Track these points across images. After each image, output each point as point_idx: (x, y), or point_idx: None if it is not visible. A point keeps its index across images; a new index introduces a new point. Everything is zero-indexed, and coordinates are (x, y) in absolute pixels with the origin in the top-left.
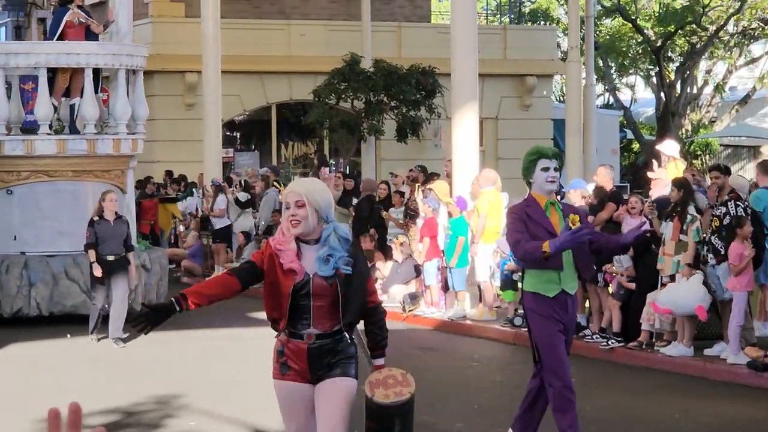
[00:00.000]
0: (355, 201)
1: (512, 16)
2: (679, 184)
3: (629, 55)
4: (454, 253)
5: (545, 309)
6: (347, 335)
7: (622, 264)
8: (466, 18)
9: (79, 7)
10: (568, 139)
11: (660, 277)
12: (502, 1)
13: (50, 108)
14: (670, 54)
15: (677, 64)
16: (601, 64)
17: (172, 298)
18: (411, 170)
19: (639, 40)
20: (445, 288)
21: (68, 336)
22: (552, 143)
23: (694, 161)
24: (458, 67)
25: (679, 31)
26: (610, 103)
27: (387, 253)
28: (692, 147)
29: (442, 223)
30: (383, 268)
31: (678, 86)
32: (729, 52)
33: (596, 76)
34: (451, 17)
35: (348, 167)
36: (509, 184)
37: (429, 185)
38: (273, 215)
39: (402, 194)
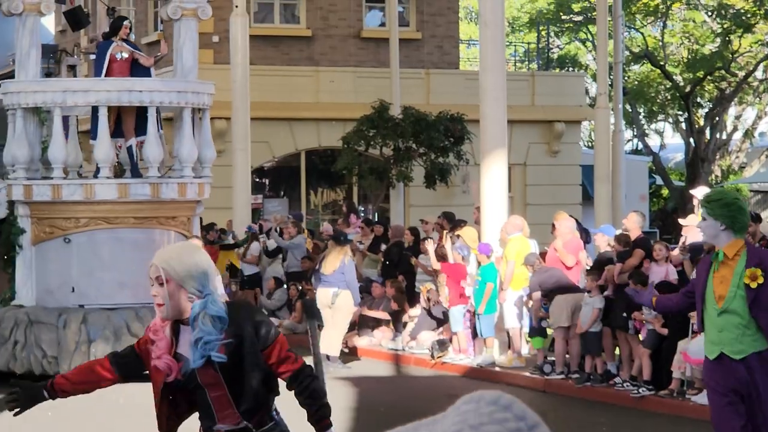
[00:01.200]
0: (383, 247)
1: (540, 63)
2: None
3: (658, 100)
4: (483, 300)
5: (708, 374)
6: (265, 422)
7: (651, 312)
8: (494, 65)
9: (125, 40)
10: (597, 185)
11: (690, 324)
12: (531, 47)
13: (111, 150)
14: (699, 100)
15: (706, 109)
16: (630, 110)
17: (44, 384)
18: (438, 218)
19: (668, 86)
20: (474, 334)
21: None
22: (580, 189)
23: None
24: (487, 113)
25: (708, 77)
26: (638, 148)
27: (415, 300)
28: None
29: (471, 269)
30: (411, 315)
31: (707, 132)
32: (758, 98)
33: (625, 122)
34: (479, 64)
35: (376, 213)
36: (538, 230)
37: (458, 231)
38: (302, 262)
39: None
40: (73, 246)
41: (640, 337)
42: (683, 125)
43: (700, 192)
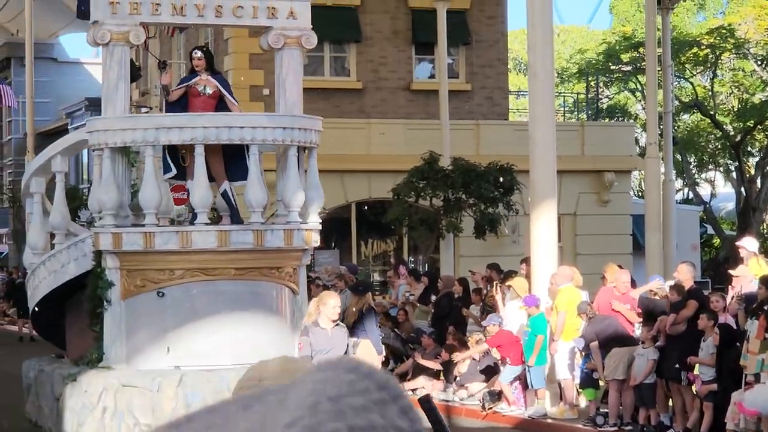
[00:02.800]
0: (434, 298)
1: (590, 113)
2: (766, 281)
3: (708, 150)
4: (533, 351)
5: None
6: None
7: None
8: (544, 115)
9: (215, 74)
10: (648, 234)
11: (744, 375)
12: (580, 97)
13: (208, 193)
14: (749, 149)
15: (757, 159)
16: (680, 159)
17: None
18: (486, 271)
19: (718, 135)
20: (525, 386)
21: None
22: (631, 239)
23: None
24: (536, 164)
25: (759, 126)
26: (689, 198)
27: (464, 350)
28: None
29: (520, 321)
30: (461, 365)
31: (758, 181)
32: None
33: (675, 172)
34: (529, 115)
35: (427, 264)
36: (588, 280)
37: (508, 282)
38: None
39: (480, 291)
40: (167, 300)
41: (694, 389)
42: (734, 174)
43: (747, 243)
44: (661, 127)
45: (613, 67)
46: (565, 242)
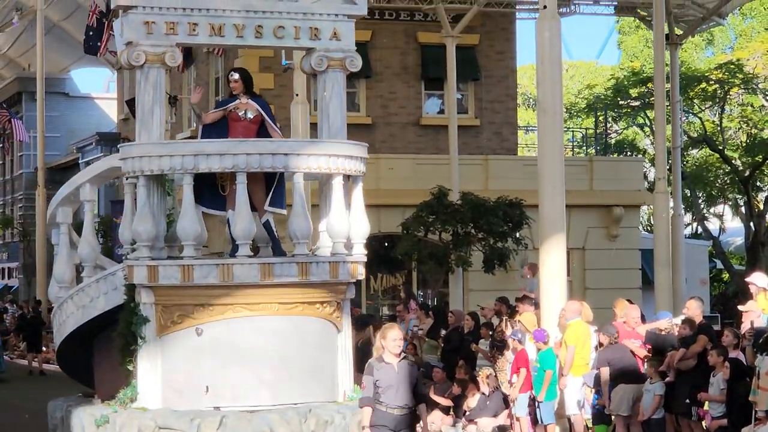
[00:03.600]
0: (443, 332)
1: (598, 148)
2: None
3: (717, 184)
4: (543, 387)
5: None
6: None
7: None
8: (552, 150)
9: (255, 97)
10: (657, 269)
11: (754, 411)
12: (589, 132)
13: (251, 224)
14: (758, 183)
15: (766, 193)
16: (689, 194)
17: None
18: (495, 305)
19: (726, 170)
20: (535, 421)
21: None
22: (640, 274)
23: None
24: (545, 199)
25: (767, 161)
26: (698, 233)
27: (474, 385)
28: None
29: (530, 355)
30: (471, 400)
31: (767, 216)
32: None
33: (684, 206)
34: (537, 150)
35: (436, 298)
36: (598, 315)
37: (517, 317)
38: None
39: (490, 326)
40: (206, 338)
41: (704, 424)
42: (743, 209)
43: (757, 279)
44: (670, 161)
45: (621, 102)
46: (574, 277)
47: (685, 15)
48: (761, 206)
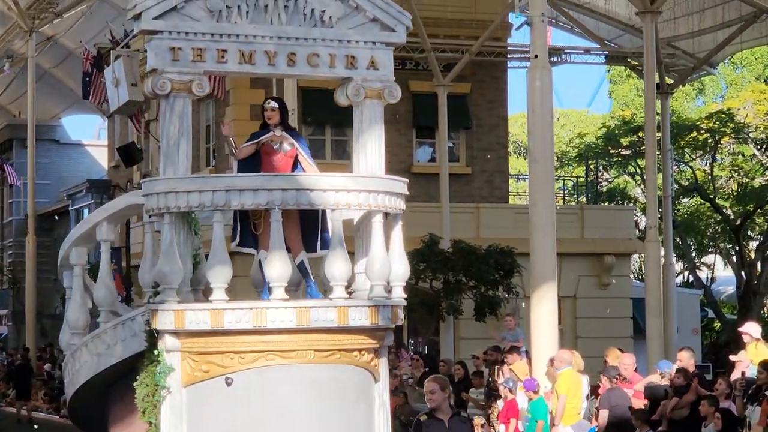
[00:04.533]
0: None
1: (589, 196)
2: (765, 366)
3: (708, 233)
4: None
5: None
6: None
7: None
8: (543, 199)
9: (289, 130)
10: (648, 318)
11: None
12: (579, 181)
13: (288, 265)
14: (749, 233)
15: (757, 242)
16: (680, 243)
17: None
18: (487, 353)
19: (718, 219)
20: None
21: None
22: (631, 323)
23: None
24: (536, 247)
25: (758, 210)
26: (689, 281)
27: None
28: None
29: (521, 405)
30: None
31: (758, 265)
32: None
33: (675, 255)
34: (529, 198)
35: (427, 346)
36: (589, 364)
37: (509, 365)
38: None
39: (481, 375)
40: (236, 388)
41: None
42: (734, 258)
43: (750, 329)
44: (661, 210)
45: (612, 151)
46: (565, 325)
47: (675, 64)
48: (752, 255)
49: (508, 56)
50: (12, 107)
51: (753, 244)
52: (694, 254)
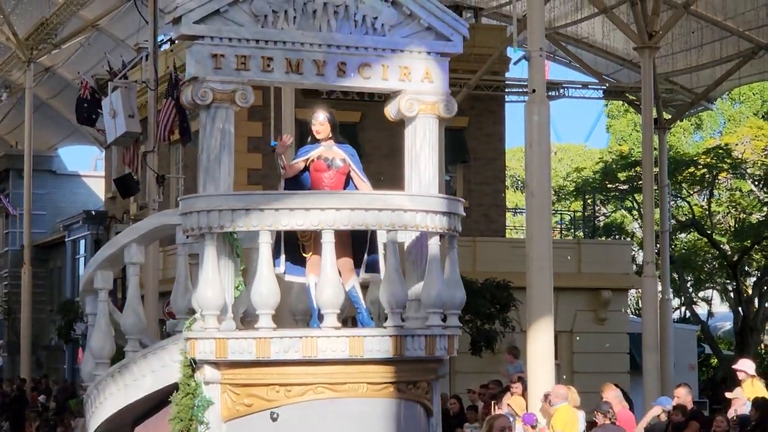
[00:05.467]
0: None
1: (586, 230)
2: (758, 404)
3: (705, 269)
4: None
5: None
6: None
7: None
8: (540, 233)
9: (340, 144)
10: (645, 354)
11: None
12: (577, 215)
13: (340, 291)
14: (747, 268)
15: (754, 278)
16: (677, 278)
17: None
18: (489, 387)
19: (715, 255)
20: None
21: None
22: (628, 358)
23: None
24: (533, 281)
25: (756, 246)
26: (686, 317)
27: None
28: None
29: None
30: None
31: (756, 301)
32: None
33: (672, 290)
34: (526, 232)
35: None
36: (585, 399)
37: (507, 400)
38: None
39: (476, 409)
40: (282, 424)
41: None
42: (731, 294)
43: (744, 366)
44: (658, 245)
45: (609, 186)
46: (562, 360)
47: (673, 99)
48: (750, 291)
49: (506, 90)
50: (9, 137)
51: (750, 280)
52: (691, 290)
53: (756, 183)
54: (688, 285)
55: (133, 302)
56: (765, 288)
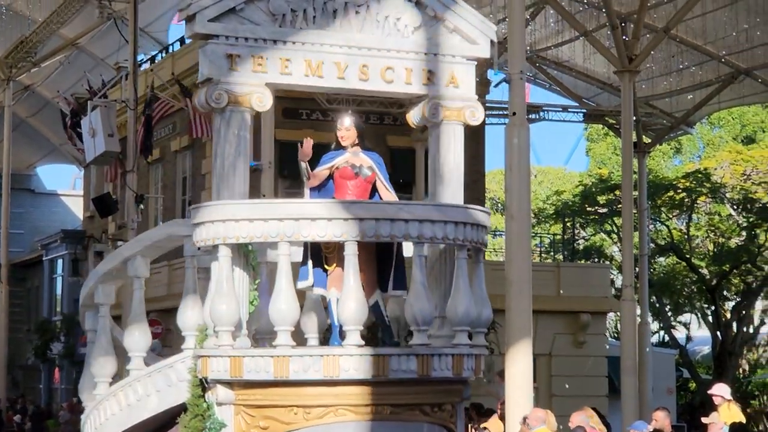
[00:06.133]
0: None
1: (566, 254)
2: (735, 429)
3: (684, 293)
4: None
5: None
6: None
7: None
8: (519, 256)
9: (367, 151)
10: (623, 377)
11: None
12: (556, 238)
13: (364, 306)
14: (725, 293)
15: (733, 303)
16: (656, 302)
17: None
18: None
19: (694, 279)
20: None
21: None
22: (607, 381)
23: (752, 401)
24: (512, 304)
25: (734, 271)
26: (665, 341)
27: None
28: (750, 387)
29: None
30: None
31: (734, 325)
32: None
33: (651, 314)
34: (505, 255)
35: None
36: (563, 422)
37: (483, 424)
38: None
39: None
40: None
41: None
42: (710, 318)
43: (720, 390)
44: (637, 269)
45: (589, 209)
46: (540, 383)
47: (653, 123)
48: (728, 315)
49: (487, 113)
50: None
51: (729, 305)
52: (669, 314)
53: (735, 207)
54: (667, 309)
55: (137, 318)
56: (743, 312)
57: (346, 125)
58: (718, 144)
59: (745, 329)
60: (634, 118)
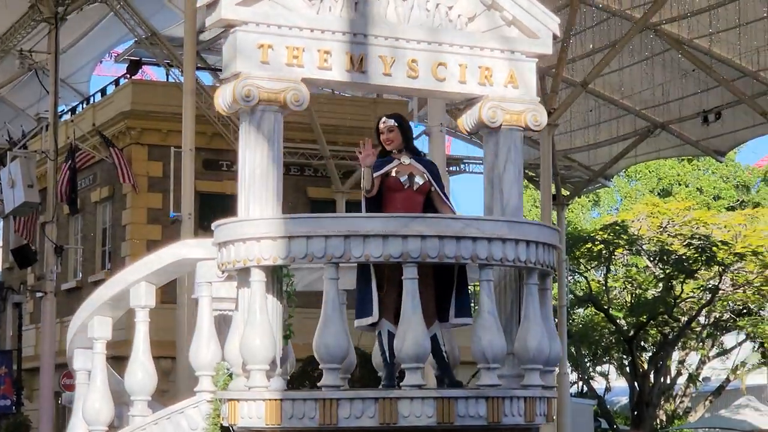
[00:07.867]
0: None
1: None
2: None
3: (602, 344)
4: None
5: None
6: None
7: None
8: None
9: (417, 156)
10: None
11: None
12: (476, 289)
13: (426, 340)
14: (642, 344)
15: (650, 353)
16: (575, 353)
17: None
18: None
19: (612, 330)
20: None
21: None
22: None
23: None
24: None
25: (651, 322)
26: (584, 391)
27: None
28: None
29: None
30: None
31: (651, 376)
32: (701, 343)
33: (570, 365)
34: None
35: None
36: None
37: None
38: None
39: None
40: None
41: None
42: (627, 369)
43: None
44: (556, 320)
45: None
46: None
47: (571, 176)
48: (645, 366)
49: None
50: None
51: (646, 355)
52: (588, 364)
53: (651, 259)
54: (586, 359)
55: (141, 357)
56: (660, 363)
57: (389, 125)
58: (635, 197)
59: (662, 380)
60: (553, 170)
